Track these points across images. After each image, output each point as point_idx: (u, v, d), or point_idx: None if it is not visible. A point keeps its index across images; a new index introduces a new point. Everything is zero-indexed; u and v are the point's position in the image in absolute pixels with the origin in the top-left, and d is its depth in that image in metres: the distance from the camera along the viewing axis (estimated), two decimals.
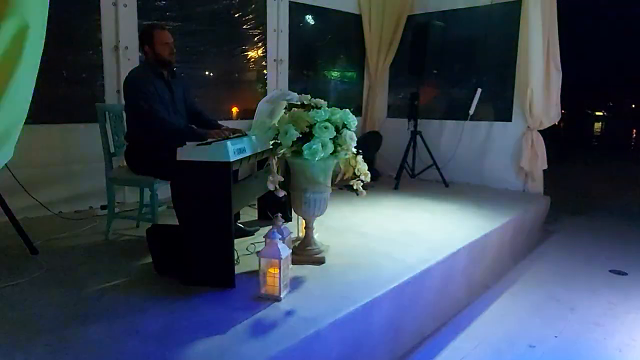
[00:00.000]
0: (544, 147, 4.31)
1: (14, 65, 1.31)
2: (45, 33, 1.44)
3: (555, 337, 2.42)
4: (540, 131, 4.32)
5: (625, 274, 3.33)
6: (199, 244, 2.04)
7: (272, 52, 4.48)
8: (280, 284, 1.93)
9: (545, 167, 4.34)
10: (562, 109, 4.41)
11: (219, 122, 2.86)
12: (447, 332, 2.46)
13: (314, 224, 2.47)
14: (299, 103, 2.35)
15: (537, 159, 4.29)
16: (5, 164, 1.48)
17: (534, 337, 2.40)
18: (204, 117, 2.85)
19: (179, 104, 2.70)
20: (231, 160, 1.99)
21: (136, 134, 2.62)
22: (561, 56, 4.22)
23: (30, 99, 1.46)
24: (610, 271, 3.37)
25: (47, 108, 3.23)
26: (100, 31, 3.40)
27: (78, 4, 3.35)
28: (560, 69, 4.25)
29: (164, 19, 3.71)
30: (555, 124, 4.42)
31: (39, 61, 1.45)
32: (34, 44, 1.36)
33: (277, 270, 1.92)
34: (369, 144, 4.76)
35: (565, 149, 11.46)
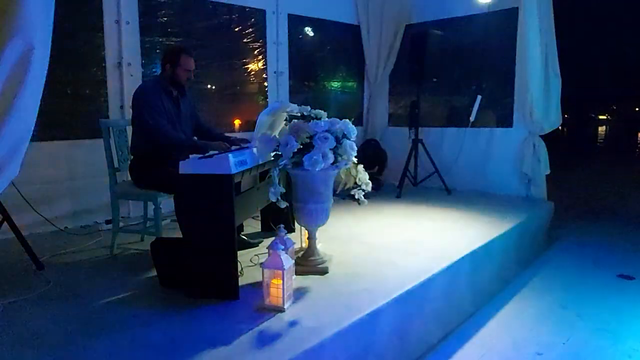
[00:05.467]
0: (546, 151, 4.31)
1: (19, 84, 1.36)
2: (49, 53, 1.48)
3: (563, 344, 2.40)
4: (543, 136, 4.32)
5: (632, 278, 3.30)
6: (202, 256, 2.05)
7: (272, 65, 4.53)
8: (283, 295, 1.93)
9: (548, 172, 4.33)
10: (565, 114, 4.42)
11: (226, 134, 2.93)
12: (453, 340, 2.44)
13: (317, 234, 2.48)
14: (298, 114, 2.38)
15: (540, 164, 4.28)
16: (11, 181, 1.51)
17: (542, 345, 2.38)
18: (212, 132, 2.92)
19: (184, 121, 2.76)
20: (233, 172, 2.02)
21: (140, 146, 2.67)
22: (563, 60, 4.24)
23: (36, 116, 1.50)
24: (618, 276, 3.34)
25: (51, 125, 3.28)
26: (103, 48, 3.46)
27: (82, 23, 3.42)
28: (559, 74, 4.27)
29: (166, 35, 3.78)
30: (558, 129, 4.41)
31: (44, 80, 1.49)
32: (39, 64, 1.41)
33: (280, 281, 1.93)
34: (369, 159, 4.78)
35: (569, 154, 11.42)
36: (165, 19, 3.79)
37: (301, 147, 2.21)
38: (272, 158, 2.37)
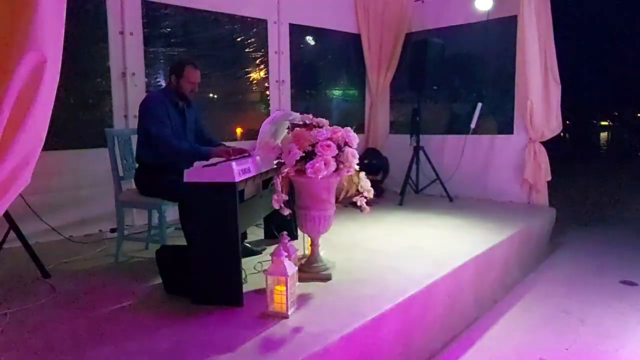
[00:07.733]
0: (547, 158, 4.33)
1: (32, 95, 1.40)
2: (60, 65, 1.53)
3: (566, 349, 2.40)
4: (544, 143, 4.34)
5: (635, 284, 3.30)
6: (207, 263, 2.07)
7: (274, 73, 4.58)
8: (287, 301, 1.95)
9: (549, 178, 4.35)
10: (566, 120, 4.44)
11: (224, 143, 2.96)
12: (456, 346, 2.45)
13: (320, 241, 2.50)
14: (301, 123, 2.41)
15: (541, 170, 4.30)
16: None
17: (545, 350, 2.38)
18: (213, 143, 2.94)
19: (189, 130, 2.81)
20: (236, 180, 2.04)
21: (145, 155, 2.71)
22: (564, 67, 4.28)
23: (47, 127, 1.55)
24: (620, 282, 3.34)
25: (57, 134, 3.30)
26: (108, 59, 3.52)
27: (87, 34, 3.48)
28: (558, 80, 4.31)
29: (169, 45, 3.84)
30: (560, 135, 4.43)
31: (55, 91, 1.54)
32: (51, 75, 1.46)
33: (284, 288, 1.94)
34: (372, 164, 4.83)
35: (571, 160, 11.41)
36: (169, 29, 3.85)
37: (303, 154, 2.23)
38: (275, 166, 2.40)
